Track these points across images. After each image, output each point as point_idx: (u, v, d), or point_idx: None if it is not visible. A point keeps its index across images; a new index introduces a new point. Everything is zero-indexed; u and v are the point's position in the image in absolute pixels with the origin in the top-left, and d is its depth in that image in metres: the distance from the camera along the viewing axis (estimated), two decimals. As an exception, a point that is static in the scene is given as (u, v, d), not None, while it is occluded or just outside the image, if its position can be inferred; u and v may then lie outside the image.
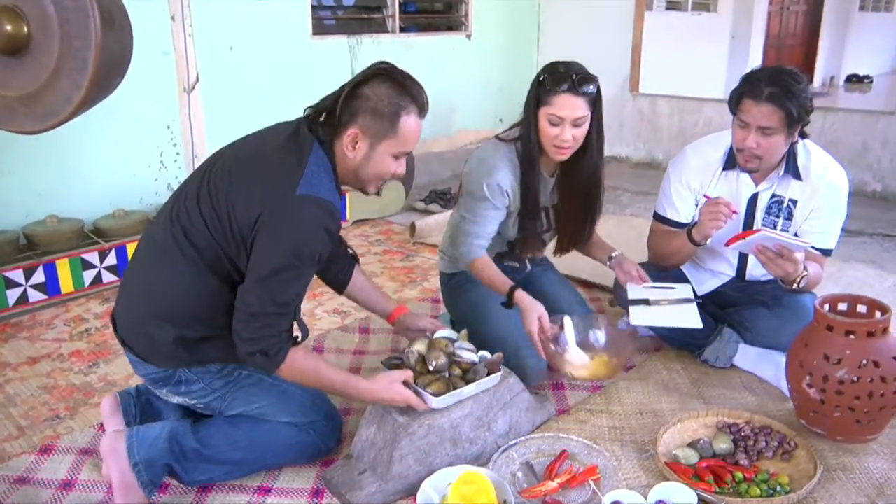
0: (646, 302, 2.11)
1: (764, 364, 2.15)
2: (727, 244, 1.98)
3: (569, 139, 1.92)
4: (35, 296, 2.84)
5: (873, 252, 3.43)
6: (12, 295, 2.78)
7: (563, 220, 2.19)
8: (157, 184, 3.59)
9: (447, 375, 1.72)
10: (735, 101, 2.00)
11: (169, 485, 1.72)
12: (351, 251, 1.98)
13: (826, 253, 2.16)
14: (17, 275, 2.78)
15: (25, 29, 1.85)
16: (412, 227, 3.61)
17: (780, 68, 1.97)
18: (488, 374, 1.76)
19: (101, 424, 1.92)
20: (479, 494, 1.52)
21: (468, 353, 1.76)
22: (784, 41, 9.59)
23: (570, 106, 1.88)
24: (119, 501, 1.61)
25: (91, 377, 2.29)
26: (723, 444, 1.77)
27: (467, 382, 1.72)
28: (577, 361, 1.90)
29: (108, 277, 3.03)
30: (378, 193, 1.76)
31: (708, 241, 2.09)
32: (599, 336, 2.02)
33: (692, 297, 2.07)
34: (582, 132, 1.94)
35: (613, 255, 2.24)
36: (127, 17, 2.05)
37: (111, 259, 3.03)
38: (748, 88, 1.95)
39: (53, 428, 1.99)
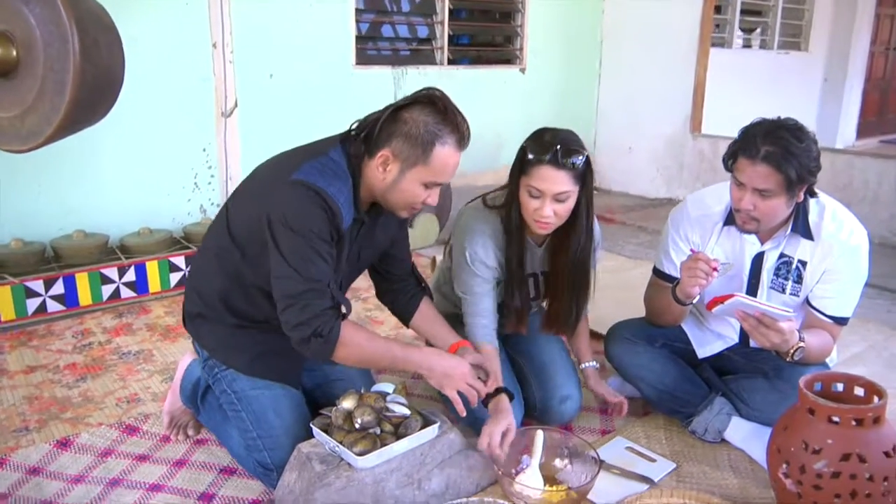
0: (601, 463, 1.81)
1: (755, 442, 1.92)
2: (708, 307, 1.79)
3: (549, 215, 1.77)
4: (53, 306, 2.96)
5: (938, 322, 3.06)
6: (32, 304, 2.91)
7: (550, 296, 2.05)
8: (189, 204, 3.69)
9: (378, 432, 1.62)
10: (730, 158, 1.81)
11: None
12: (422, 284, 1.99)
13: (839, 321, 1.92)
14: (37, 285, 2.91)
15: (14, 52, 1.93)
16: (433, 261, 3.54)
17: (780, 123, 1.75)
18: (426, 427, 1.66)
19: (58, 441, 1.99)
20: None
21: (400, 407, 1.66)
22: (890, 83, 8.99)
23: (550, 179, 1.73)
24: (167, 402, 2.03)
25: (73, 391, 2.34)
26: (677, 532, 1.57)
27: (399, 438, 1.62)
28: (530, 486, 1.67)
29: (126, 293, 3.12)
30: (410, 225, 1.74)
31: (694, 301, 1.91)
32: (566, 464, 1.81)
33: (653, 479, 1.82)
34: (565, 208, 1.79)
35: (584, 366, 2.12)
36: (118, 43, 2.10)
37: (130, 275, 3.12)
38: (743, 146, 1.75)
39: (17, 440, 2.03)
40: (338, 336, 1.55)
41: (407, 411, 1.66)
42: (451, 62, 4.70)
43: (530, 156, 1.75)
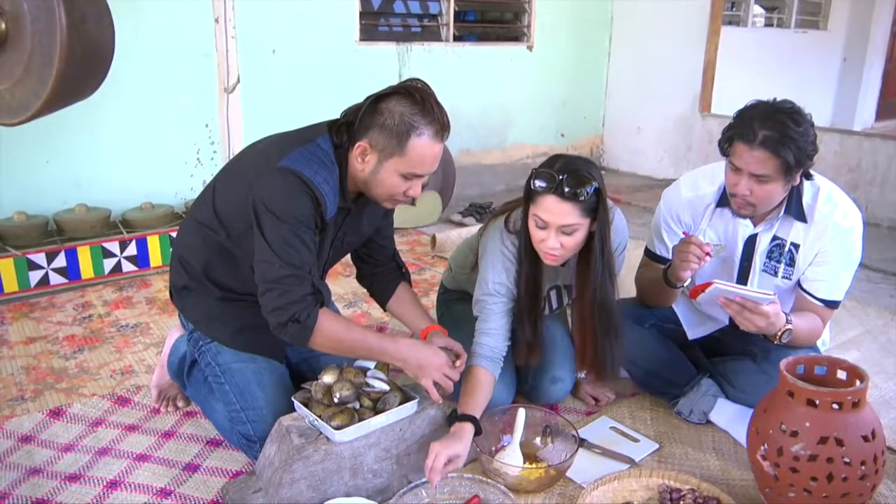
0: (582, 442, 1.83)
1: (739, 424, 1.91)
2: (691, 296, 1.78)
3: (555, 246, 1.67)
4: (56, 279, 3.00)
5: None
6: (34, 276, 2.95)
7: (579, 337, 1.90)
8: (192, 180, 3.71)
9: (357, 406, 1.63)
10: (726, 142, 1.77)
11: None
12: (403, 269, 2.00)
13: (830, 305, 1.89)
14: (39, 258, 2.95)
15: (3, 25, 1.93)
16: (433, 239, 3.54)
17: (777, 106, 1.70)
18: (406, 402, 1.67)
19: (51, 411, 2.03)
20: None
21: (379, 383, 1.67)
22: (913, 64, 8.76)
23: (554, 210, 1.63)
24: (155, 376, 2.06)
25: (70, 362, 2.38)
26: (653, 512, 1.57)
27: (377, 413, 1.63)
28: (509, 463, 1.69)
29: (127, 267, 3.15)
30: (412, 203, 1.74)
31: (686, 284, 1.89)
32: (547, 443, 1.83)
33: (635, 459, 1.82)
34: (574, 241, 1.68)
35: (580, 376, 2.11)
36: (108, 16, 2.10)
37: (132, 249, 3.15)
38: (739, 130, 1.70)
39: (12, 409, 2.07)
40: (315, 323, 1.57)
41: (386, 387, 1.67)
42: (457, 39, 4.64)
43: (535, 184, 1.65)
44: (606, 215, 1.72)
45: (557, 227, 1.65)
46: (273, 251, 1.54)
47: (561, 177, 1.62)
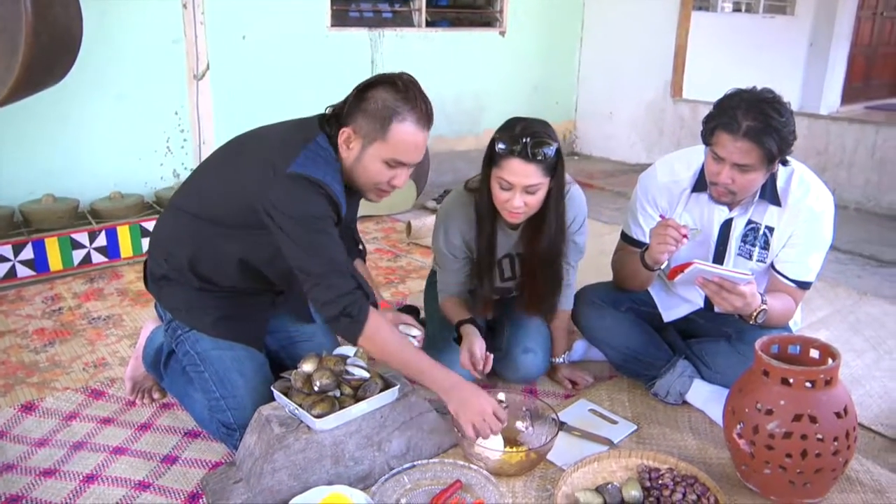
0: (561, 425, 1.84)
1: (715, 404, 1.94)
2: (669, 277, 1.80)
3: (520, 206, 1.78)
4: (23, 271, 2.93)
5: (904, 286, 3.09)
6: (1, 269, 2.88)
7: (527, 281, 2.04)
8: (162, 169, 3.65)
9: (337, 395, 1.63)
10: (708, 132, 1.78)
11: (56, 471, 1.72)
12: (361, 246, 2.03)
13: (802, 286, 1.92)
14: (6, 250, 2.87)
15: (-36, 12, 1.86)
16: (408, 226, 3.53)
17: (759, 95, 1.71)
18: (386, 389, 1.66)
19: (22, 406, 1.99)
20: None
21: (359, 370, 1.66)
22: (877, 50, 8.92)
23: (519, 172, 1.73)
24: (129, 368, 2.01)
25: (41, 356, 2.33)
26: (632, 491, 1.59)
27: (358, 401, 1.63)
28: (490, 447, 1.68)
29: (97, 258, 3.09)
30: None
31: (662, 267, 1.91)
32: (527, 426, 1.85)
33: (613, 441, 1.85)
34: (536, 199, 1.80)
35: (554, 360, 2.16)
36: (75, 1, 2.04)
37: (101, 240, 3.09)
38: (723, 120, 1.71)
39: (-19, 404, 2.02)
40: (365, 318, 1.58)
41: (366, 374, 1.66)
42: (429, 24, 4.62)
43: (500, 147, 1.74)
44: (563, 173, 1.84)
45: (522, 187, 1.75)
46: (309, 252, 1.55)
47: (524, 140, 1.71)
